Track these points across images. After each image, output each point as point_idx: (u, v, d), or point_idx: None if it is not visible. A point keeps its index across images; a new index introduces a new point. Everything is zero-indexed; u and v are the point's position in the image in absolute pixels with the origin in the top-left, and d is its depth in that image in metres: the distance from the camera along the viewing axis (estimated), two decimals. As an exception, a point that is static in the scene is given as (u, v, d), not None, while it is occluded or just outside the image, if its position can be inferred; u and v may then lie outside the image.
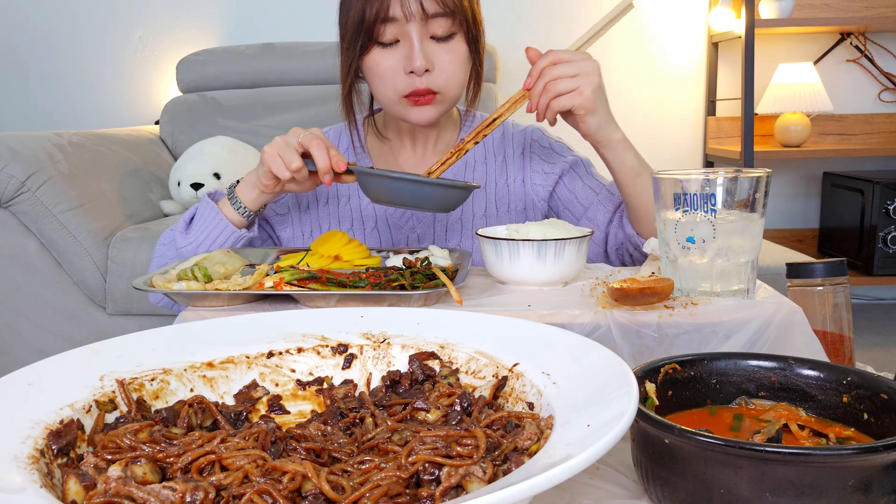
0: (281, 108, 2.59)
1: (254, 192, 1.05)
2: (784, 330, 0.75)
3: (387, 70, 1.05)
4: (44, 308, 2.08)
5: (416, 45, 1.01)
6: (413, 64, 1.02)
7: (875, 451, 0.46)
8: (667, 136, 3.03)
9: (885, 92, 3.02)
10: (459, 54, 1.06)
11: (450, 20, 1.03)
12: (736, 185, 0.76)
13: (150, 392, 0.59)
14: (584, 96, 0.97)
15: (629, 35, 2.97)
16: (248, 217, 1.07)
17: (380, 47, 1.04)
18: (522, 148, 1.23)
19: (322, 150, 0.97)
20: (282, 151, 0.99)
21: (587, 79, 0.97)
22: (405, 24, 1.01)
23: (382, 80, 1.06)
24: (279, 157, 0.99)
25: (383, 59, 1.05)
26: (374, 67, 1.06)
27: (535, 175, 1.22)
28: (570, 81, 0.97)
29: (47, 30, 2.97)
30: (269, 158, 0.99)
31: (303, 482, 0.45)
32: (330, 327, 0.69)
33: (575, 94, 0.97)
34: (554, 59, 0.97)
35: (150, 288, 0.82)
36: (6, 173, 1.94)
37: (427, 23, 1.02)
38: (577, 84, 0.96)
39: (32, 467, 0.45)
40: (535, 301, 0.80)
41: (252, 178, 1.05)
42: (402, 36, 1.03)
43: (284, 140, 1.00)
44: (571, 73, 0.97)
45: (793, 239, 3.11)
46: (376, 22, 1.01)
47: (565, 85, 0.97)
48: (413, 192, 0.94)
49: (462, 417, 0.54)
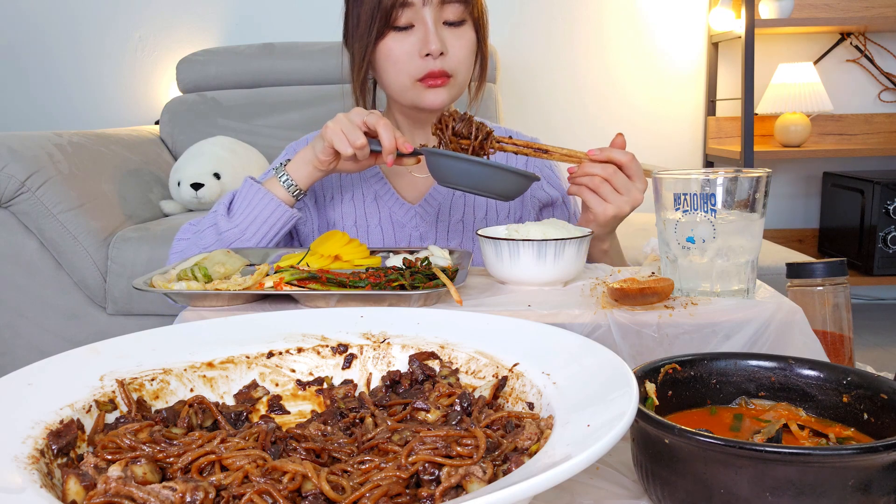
0: (281, 108, 2.59)
1: (307, 168, 1.05)
2: (784, 330, 0.75)
3: (402, 55, 1.07)
4: (44, 308, 2.08)
5: (431, 28, 1.05)
6: (429, 46, 1.05)
7: (875, 451, 0.46)
8: (667, 136, 3.03)
9: (885, 92, 3.02)
10: (469, 40, 1.10)
11: (462, 6, 1.07)
12: (736, 185, 0.76)
13: (150, 392, 0.59)
14: (605, 212, 0.99)
15: (629, 35, 2.97)
16: (297, 195, 1.07)
17: (395, 32, 1.07)
18: (526, 159, 1.25)
19: (389, 130, 0.99)
20: (345, 128, 0.99)
21: (623, 203, 0.99)
22: (420, 9, 1.05)
23: (397, 66, 1.08)
24: (342, 133, 0.99)
25: (398, 44, 1.07)
26: (388, 53, 1.08)
27: (537, 189, 1.25)
28: (611, 193, 0.99)
29: (47, 30, 2.97)
30: (333, 133, 0.99)
31: (303, 482, 0.45)
32: (330, 327, 0.69)
33: (602, 203, 0.99)
34: (626, 164, 0.98)
35: (150, 288, 0.82)
36: (6, 173, 1.94)
37: (442, 7, 1.06)
38: (613, 200, 0.99)
39: (32, 467, 0.45)
40: (535, 301, 0.80)
41: (307, 156, 1.05)
42: (416, 20, 1.06)
43: (347, 117, 1.01)
44: (619, 189, 0.99)
45: (793, 239, 3.11)
46: (394, 6, 1.04)
47: (606, 192, 0.99)
48: (481, 175, 0.93)
49: (462, 417, 0.54)
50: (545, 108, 2.99)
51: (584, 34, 2.97)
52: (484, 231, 0.91)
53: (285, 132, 2.56)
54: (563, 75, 2.99)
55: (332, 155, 1.02)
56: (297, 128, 2.55)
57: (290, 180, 1.06)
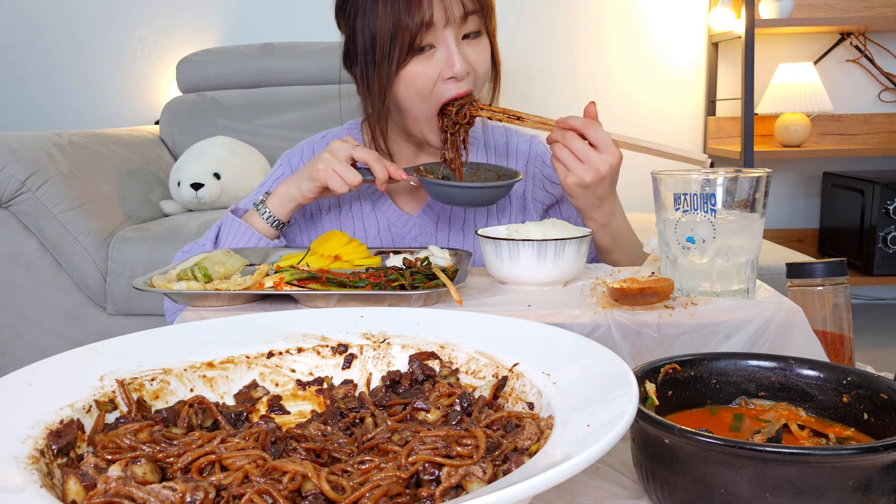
0: (281, 108, 2.59)
1: (290, 204, 1.06)
2: (784, 330, 0.75)
3: (427, 82, 1.00)
4: (44, 308, 2.08)
5: (454, 49, 0.99)
6: (453, 69, 0.99)
7: (875, 451, 0.46)
8: (667, 136, 3.03)
9: (885, 92, 3.02)
10: (486, 50, 1.05)
11: (479, 16, 1.01)
12: (736, 185, 0.76)
13: (150, 392, 0.59)
14: (566, 181, 0.98)
15: (629, 35, 2.97)
16: (278, 227, 1.08)
17: (417, 56, 0.99)
18: (526, 160, 1.23)
19: (380, 161, 1.01)
20: (338, 168, 1.00)
21: (583, 171, 0.96)
22: (442, 28, 0.98)
23: (421, 94, 1.01)
24: (336, 173, 1.00)
25: (422, 70, 1.00)
26: (412, 80, 1.00)
27: (536, 190, 1.23)
28: (571, 160, 0.97)
29: (47, 30, 2.97)
30: (326, 175, 1.00)
31: (303, 482, 0.45)
32: (330, 327, 0.69)
33: (564, 172, 0.98)
34: (586, 130, 0.96)
35: (151, 288, 0.82)
36: (6, 173, 1.94)
37: (462, 23, 1.00)
38: (574, 168, 0.97)
39: (32, 467, 0.45)
40: (535, 301, 0.80)
41: (291, 193, 1.05)
42: (436, 41, 0.99)
43: (333, 156, 1.01)
44: (580, 156, 0.96)
45: (793, 239, 3.11)
46: (420, 29, 0.96)
47: (566, 157, 0.97)
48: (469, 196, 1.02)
49: (462, 417, 0.54)
50: (545, 108, 2.99)
51: (584, 34, 2.97)
52: (484, 231, 0.91)
53: (285, 132, 2.56)
54: (563, 75, 2.99)
55: (318, 192, 1.03)
56: (297, 128, 2.55)
57: (271, 216, 1.07)
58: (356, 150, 1.01)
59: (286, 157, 1.22)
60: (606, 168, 0.96)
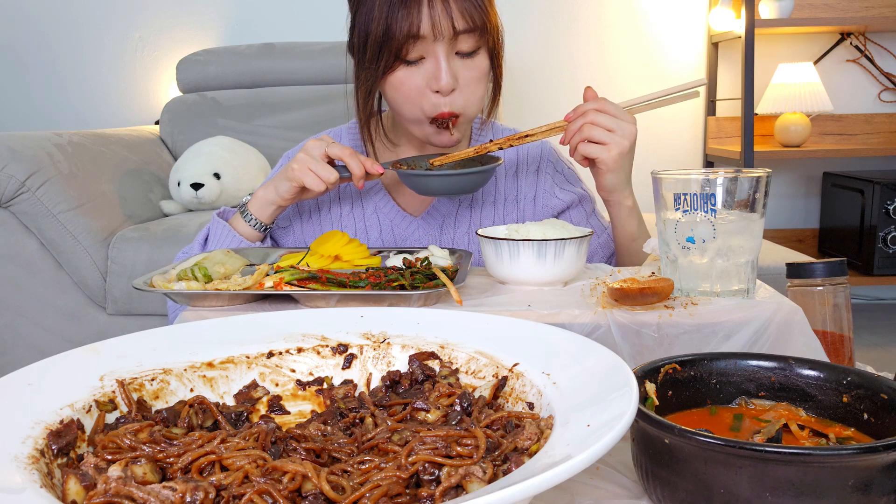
0: (281, 108, 2.59)
1: (270, 208, 1.07)
2: (784, 330, 0.75)
3: (412, 90, 1.02)
4: (44, 308, 2.08)
5: (443, 65, 0.99)
6: (439, 83, 0.99)
7: (875, 451, 0.46)
8: (667, 136, 3.03)
9: (885, 92, 3.02)
10: (482, 70, 1.04)
11: (476, 36, 1.00)
12: (736, 185, 0.76)
13: (150, 392, 0.59)
14: (609, 154, 0.99)
15: (629, 35, 2.97)
16: (262, 230, 1.08)
17: (405, 65, 1.01)
18: (538, 165, 1.22)
19: (355, 157, 1.01)
20: (314, 167, 1.00)
21: (619, 139, 0.98)
22: (432, 42, 0.98)
23: (408, 100, 1.03)
24: (311, 172, 1.00)
25: (408, 77, 1.01)
26: (398, 87, 1.02)
27: (546, 196, 1.22)
28: (603, 134, 0.98)
29: (47, 30, 2.97)
30: (302, 174, 1.01)
31: (303, 482, 0.45)
32: (330, 327, 0.69)
33: (602, 148, 0.99)
34: (600, 106, 0.99)
35: (151, 288, 0.82)
36: (6, 173, 1.94)
37: (455, 40, 0.99)
38: (609, 140, 0.98)
39: (32, 467, 0.45)
40: (535, 301, 0.80)
41: (270, 197, 1.06)
42: (427, 53, 1.00)
43: (309, 154, 1.01)
44: (608, 127, 0.98)
45: (793, 239, 3.11)
46: (407, 40, 0.97)
47: (598, 134, 0.98)
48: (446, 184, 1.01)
49: (462, 417, 0.54)
50: (545, 108, 2.99)
51: (584, 34, 2.97)
52: (484, 231, 0.91)
53: (285, 132, 2.56)
54: (563, 75, 2.99)
55: (296, 193, 1.03)
56: (297, 128, 2.55)
57: (254, 219, 1.07)
58: (331, 147, 1.01)
59: (287, 157, 1.22)
60: (634, 131, 1.00)
